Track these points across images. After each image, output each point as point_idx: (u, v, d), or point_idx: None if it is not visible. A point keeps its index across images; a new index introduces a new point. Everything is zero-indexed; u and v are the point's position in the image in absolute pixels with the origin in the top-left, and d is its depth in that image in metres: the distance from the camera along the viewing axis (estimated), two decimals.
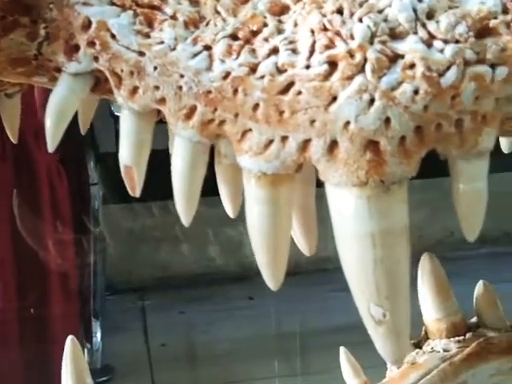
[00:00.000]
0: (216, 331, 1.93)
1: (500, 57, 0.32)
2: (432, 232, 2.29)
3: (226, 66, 0.33)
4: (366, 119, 0.31)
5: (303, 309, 1.99)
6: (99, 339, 1.73)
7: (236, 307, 2.08)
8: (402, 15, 0.32)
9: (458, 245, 2.40)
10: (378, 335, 0.32)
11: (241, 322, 1.95)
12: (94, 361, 1.74)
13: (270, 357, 1.78)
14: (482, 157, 0.32)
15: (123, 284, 2.22)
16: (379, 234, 0.31)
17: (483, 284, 0.56)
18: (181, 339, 1.93)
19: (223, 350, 1.81)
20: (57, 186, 1.22)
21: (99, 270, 1.76)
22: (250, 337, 1.84)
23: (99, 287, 1.76)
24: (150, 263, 2.23)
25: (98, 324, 1.73)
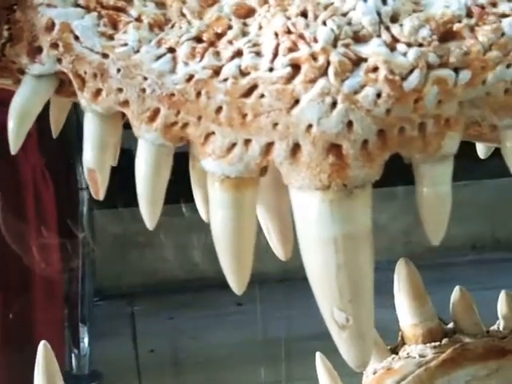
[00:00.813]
0: (205, 337, 1.92)
1: (463, 60, 0.32)
2: (421, 238, 2.29)
3: (189, 68, 0.32)
4: (328, 122, 0.31)
5: (292, 315, 1.99)
6: (87, 345, 1.72)
7: (225, 313, 2.07)
8: (366, 18, 0.32)
9: (448, 251, 2.41)
10: (341, 340, 0.32)
11: (229, 328, 1.95)
12: (81, 366, 1.73)
13: (259, 363, 1.77)
14: (446, 161, 0.32)
15: (112, 289, 2.22)
16: (342, 239, 0.31)
17: (459, 290, 0.56)
18: (169, 345, 1.92)
19: (212, 356, 1.80)
20: (42, 190, 1.22)
21: (87, 276, 1.76)
22: (239, 343, 1.83)
23: (87, 293, 1.76)
24: (139, 269, 2.22)
25: (85, 329, 1.73)
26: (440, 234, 0.33)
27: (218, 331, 1.94)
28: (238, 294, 0.35)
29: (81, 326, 1.72)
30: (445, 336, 0.55)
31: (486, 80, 0.32)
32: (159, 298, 2.16)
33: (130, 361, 1.83)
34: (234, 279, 0.34)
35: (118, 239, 2.16)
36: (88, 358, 1.73)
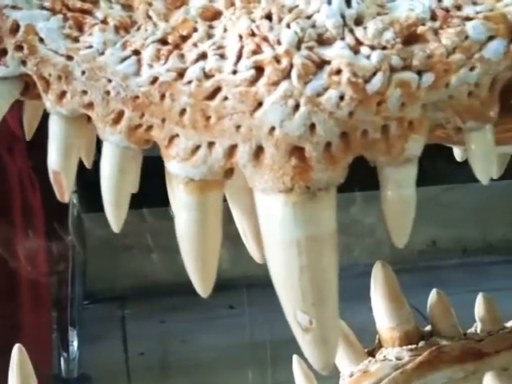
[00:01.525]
0: (196, 340, 1.92)
1: (427, 63, 0.32)
2: (414, 241, 2.30)
3: (153, 70, 0.32)
4: (290, 125, 0.31)
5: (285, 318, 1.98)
6: (76, 348, 1.72)
7: (216, 316, 2.07)
8: (330, 21, 0.32)
9: (440, 254, 2.41)
10: (305, 342, 0.32)
11: (221, 332, 1.94)
12: (70, 370, 1.73)
13: (250, 366, 1.77)
14: (410, 163, 0.32)
15: (104, 293, 2.21)
16: (305, 241, 0.31)
17: (436, 293, 0.56)
18: (160, 348, 1.92)
19: (202, 359, 1.80)
20: (29, 194, 1.21)
21: (77, 279, 1.75)
22: (230, 346, 1.83)
23: (77, 296, 1.75)
24: (130, 272, 2.22)
25: (74, 333, 1.72)
26: (404, 236, 0.33)
27: (209, 334, 1.94)
28: (203, 296, 0.34)
29: (70, 330, 1.72)
30: (422, 339, 0.55)
31: (449, 83, 0.32)
32: (150, 301, 2.15)
33: (119, 364, 1.82)
34: (198, 282, 0.34)
35: (110, 242, 2.16)
36: (77, 361, 1.73)
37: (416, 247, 2.31)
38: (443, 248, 2.36)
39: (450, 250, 2.33)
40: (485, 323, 0.56)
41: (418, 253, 2.31)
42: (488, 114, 0.32)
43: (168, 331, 2.00)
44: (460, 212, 2.23)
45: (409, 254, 2.24)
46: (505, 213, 2.28)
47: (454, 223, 2.24)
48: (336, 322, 0.32)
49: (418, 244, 2.32)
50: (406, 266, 2.33)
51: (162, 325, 2.04)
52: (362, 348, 0.55)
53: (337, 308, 0.32)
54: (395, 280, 0.54)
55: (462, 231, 2.28)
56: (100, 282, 2.19)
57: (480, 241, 2.36)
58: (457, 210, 2.24)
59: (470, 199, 2.22)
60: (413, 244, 2.30)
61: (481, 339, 0.55)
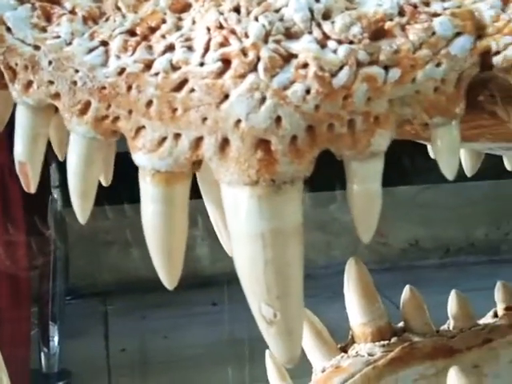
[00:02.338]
0: (177, 337, 1.91)
1: (393, 59, 0.32)
2: (397, 240, 2.30)
3: (121, 61, 0.32)
4: (256, 118, 0.31)
5: None
6: (57, 343, 1.71)
7: (199, 313, 2.07)
8: (298, 15, 0.32)
9: (423, 253, 2.42)
10: (269, 335, 0.32)
11: (203, 328, 1.94)
12: (50, 365, 1.72)
13: (232, 363, 1.77)
14: (376, 158, 0.32)
15: (86, 288, 2.21)
16: (270, 234, 0.31)
17: (410, 289, 0.56)
18: (141, 344, 1.92)
19: (184, 355, 1.80)
20: (9, 187, 1.21)
21: (59, 274, 1.75)
22: (212, 342, 1.83)
23: (58, 291, 1.75)
24: (113, 268, 2.21)
25: (55, 328, 1.72)
26: (370, 231, 0.33)
27: (192, 331, 1.94)
28: (169, 289, 0.34)
29: (51, 325, 1.71)
30: (394, 335, 0.56)
31: (415, 78, 0.32)
32: (133, 297, 2.15)
33: (100, 360, 1.82)
34: (164, 274, 0.34)
35: (93, 238, 2.15)
36: (58, 356, 1.72)
37: (399, 246, 2.32)
38: (426, 247, 2.37)
39: (433, 250, 2.34)
40: (457, 320, 0.56)
41: (401, 252, 2.32)
42: (454, 109, 0.32)
43: (150, 327, 1.99)
44: (442, 211, 2.24)
45: (391, 253, 2.24)
46: (487, 213, 2.30)
47: (436, 223, 2.25)
48: (300, 315, 0.33)
49: (401, 243, 2.33)
50: (389, 264, 2.35)
51: (144, 321, 2.03)
52: (334, 344, 0.55)
53: (301, 301, 0.33)
54: (368, 276, 0.55)
55: (445, 231, 2.29)
56: (83, 278, 2.18)
57: (462, 240, 2.38)
58: (439, 209, 2.25)
59: (454, 200, 2.23)
60: (395, 243, 2.31)
61: (453, 336, 0.55)
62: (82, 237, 1.98)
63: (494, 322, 0.57)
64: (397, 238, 2.26)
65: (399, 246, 2.32)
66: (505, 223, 2.33)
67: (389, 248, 2.25)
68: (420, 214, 2.26)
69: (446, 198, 2.23)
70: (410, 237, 2.33)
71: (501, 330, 0.56)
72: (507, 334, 0.56)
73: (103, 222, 1.98)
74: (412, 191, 2.22)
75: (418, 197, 2.23)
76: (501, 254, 2.30)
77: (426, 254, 2.34)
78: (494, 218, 2.34)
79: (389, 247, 2.25)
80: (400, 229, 2.27)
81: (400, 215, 2.21)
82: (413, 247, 2.37)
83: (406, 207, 2.23)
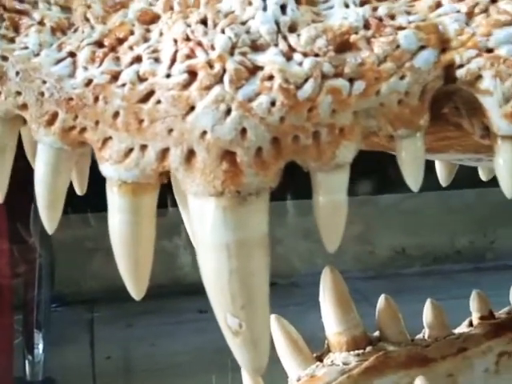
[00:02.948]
0: (164, 344, 1.91)
1: (358, 71, 0.32)
2: (383, 248, 2.31)
3: (88, 73, 0.32)
4: (222, 129, 0.31)
5: None
6: (41, 351, 1.71)
7: (186, 320, 2.06)
8: (264, 27, 0.32)
9: (410, 261, 2.43)
10: (235, 346, 0.32)
11: (189, 336, 1.94)
12: (35, 373, 1.72)
13: (219, 371, 1.77)
14: (341, 169, 0.32)
15: (72, 296, 2.20)
16: (234, 245, 0.31)
17: (385, 298, 0.57)
18: (127, 352, 1.91)
19: (170, 363, 1.79)
20: None
21: (44, 282, 1.74)
22: (199, 350, 1.83)
23: (43, 299, 1.74)
24: (99, 275, 2.21)
25: (40, 336, 1.71)
26: (336, 242, 0.33)
27: (178, 338, 1.93)
28: (136, 299, 0.35)
29: (36, 332, 1.71)
30: (369, 344, 0.56)
31: (379, 91, 0.32)
32: (120, 305, 2.14)
33: (85, 367, 1.81)
34: (131, 285, 0.34)
35: (79, 245, 2.15)
36: (42, 364, 1.72)
37: (385, 254, 2.32)
38: (413, 255, 2.37)
39: (419, 258, 2.35)
40: (432, 329, 0.57)
41: (388, 259, 2.32)
42: (418, 122, 0.33)
43: (136, 335, 1.99)
44: (428, 220, 2.25)
45: (378, 260, 2.25)
46: (473, 221, 2.31)
47: (422, 231, 2.26)
48: (266, 326, 0.33)
49: (388, 251, 2.34)
50: (375, 272, 2.35)
51: (131, 328, 2.03)
52: (310, 352, 0.55)
53: (267, 312, 0.33)
54: (344, 285, 0.55)
55: (431, 239, 2.29)
56: (69, 285, 2.17)
57: (449, 248, 2.39)
58: (425, 217, 2.26)
59: (440, 207, 2.24)
60: (382, 251, 2.32)
61: (427, 345, 0.56)
62: (67, 244, 1.98)
63: (469, 331, 0.57)
64: (383, 245, 2.27)
65: (386, 254, 2.32)
66: (490, 231, 2.34)
67: (375, 256, 2.26)
68: (406, 221, 2.27)
69: (432, 206, 2.24)
70: (396, 244, 2.34)
71: (475, 339, 0.56)
72: (482, 343, 0.56)
73: (89, 229, 1.98)
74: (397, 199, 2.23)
75: (404, 205, 2.24)
76: (486, 261, 2.31)
77: (412, 261, 2.35)
78: (479, 226, 2.35)
79: (375, 255, 2.25)
80: (386, 237, 2.27)
81: (386, 223, 2.22)
82: (399, 255, 2.38)
83: (391, 215, 2.24)
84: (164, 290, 2.05)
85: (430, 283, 2.19)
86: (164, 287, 2.07)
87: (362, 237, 2.11)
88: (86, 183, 0.41)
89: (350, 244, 2.06)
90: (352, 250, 2.09)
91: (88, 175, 0.41)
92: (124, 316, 2.09)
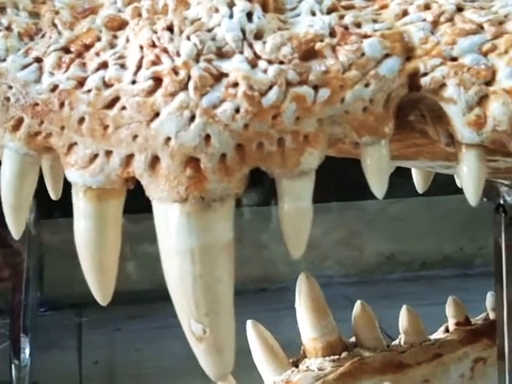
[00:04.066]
0: (151, 349, 1.90)
1: (323, 79, 0.32)
2: (372, 253, 2.31)
3: (54, 78, 0.33)
4: (186, 136, 0.31)
5: (241, 327, 1.98)
6: (28, 355, 1.70)
7: (173, 325, 2.05)
8: (230, 35, 0.33)
9: (399, 267, 2.43)
10: (199, 352, 0.33)
11: (178, 340, 1.93)
12: (21, 377, 1.71)
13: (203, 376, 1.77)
14: (306, 176, 0.33)
15: (61, 300, 2.19)
16: (198, 251, 0.31)
17: (361, 304, 0.57)
18: (115, 357, 1.90)
19: (156, 368, 1.79)
20: None
21: (32, 286, 1.74)
22: (186, 355, 1.82)
23: (30, 303, 1.74)
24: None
25: (27, 340, 1.70)
26: (300, 248, 0.33)
27: (165, 343, 1.93)
28: (102, 304, 0.35)
29: (22, 337, 1.70)
30: (345, 349, 0.56)
31: (344, 98, 0.32)
32: (109, 309, 2.13)
33: (72, 372, 1.81)
34: (96, 291, 0.34)
35: (67, 249, 2.14)
36: (29, 369, 1.71)
37: (375, 259, 2.32)
38: (401, 260, 2.38)
39: (407, 263, 2.35)
40: (408, 335, 0.57)
41: (377, 264, 2.32)
42: (383, 129, 0.33)
43: (124, 340, 1.98)
44: (417, 225, 2.25)
45: (367, 266, 2.25)
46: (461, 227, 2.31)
47: (411, 236, 2.26)
48: (230, 332, 0.33)
49: (377, 256, 2.34)
50: (364, 278, 2.35)
51: (118, 333, 2.02)
52: (286, 358, 0.56)
53: (231, 318, 0.33)
54: (319, 292, 0.55)
55: (420, 244, 2.30)
56: (57, 289, 2.16)
57: (437, 254, 2.39)
58: (414, 222, 2.26)
59: (427, 213, 2.24)
60: (371, 256, 2.32)
61: (403, 351, 0.56)
62: (56, 248, 1.97)
63: (444, 337, 0.57)
64: (372, 250, 2.27)
65: (375, 259, 2.32)
66: (479, 237, 2.34)
67: (364, 261, 2.26)
68: (394, 227, 2.27)
69: (421, 211, 2.25)
70: (385, 250, 2.34)
71: (451, 345, 0.57)
72: (457, 349, 0.56)
73: None
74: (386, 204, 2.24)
75: (392, 210, 2.24)
76: (475, 267, 2.31)
77: (400, 267, 2.35)
78: (468, 231, 2.35)
79: (364, 260, 2.25)
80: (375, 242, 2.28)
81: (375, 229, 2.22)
82: (388, 260, 2.38)
83: (381, 220, 2.24)
84: (151, 295, 2.05)
85: (418, 289, 2.19)
86: (151, 292, 2.07)
87: (350, 242, 2.11)
88: (61, 188, 0.41)
89: (337, 249, 2.07)
90: (339, 255, 2.09)
91: (63, 180, 0.41)
92: (112, 321, 2.08)
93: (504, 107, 0.32)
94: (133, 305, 2.14)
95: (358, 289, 2.16)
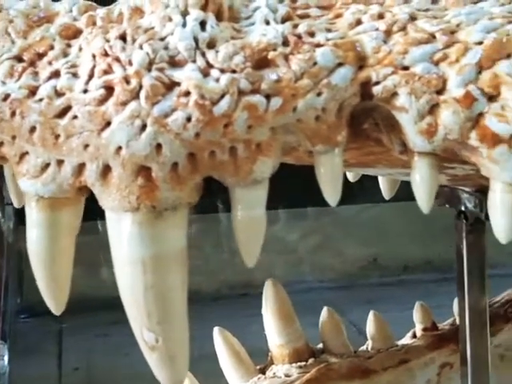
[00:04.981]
0: (131, 355, 1.89)
1: (275, 88, 0.32)
2: (355, 258, 2.32)
3: (6, 87, 0.32)
4: (137, 145, 0.31)
5: None
6: (6, 362, 1.69)
7: None
8: (182, 43, 0.33)
9: (381, 271, 2.43)
10: (152, 360, 0.33)
11: None
12: None
13: None
14: (259, 185, 0.33)
15: (41, 306, 2.18)
16: (150, 260, 0.31)
17: (327, 311, 0.57)
18: (94, 363, 1.89)
19: (136, 374, 1.78)
20: None
21: (11, 292, 1.72)
22: None
23: (9, 309, 1.72)
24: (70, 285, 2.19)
25: (5, 347, 1.69)
26: (254, 256, 0.33)
27: None
28: (55, 313, 0.34)
29: (1, 344, 1.69)
30: (312, 356, 0.56)
31: (296, 107, 0.32)
32: (90, 315, 2.12)
33: (52, 379, 1.79)
34: (50, 300, 0.34)
35: None
36: (8, 376, 1.70)
37: (358, 264, 2.33)
38: (384, 265, 2.38)
39: (391, 267, 2.36)
40: (375, 341, 0.57)
41: (360, 269, 2.33)
42: (335, 138, 0.33)
43: (104, 346, 1.97)
44: (400, 230, 2.26)
45: (350, 270, 2.25)
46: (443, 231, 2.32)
47: (394, 240, 2.27)
48: (184, 341, 0.33)
49: (360, 260, 2.34)
50: (347, 282, 2.36)
51: (98, 339, 2.01)
52: (252, 365, 0.56)
53: (185, 326, 0.33)
54: (286, 298, 0.55)
55: (404, 249, 2.30)
56: (37, 296, 2.15)
57: (419, 258, 2.39)
58: (396, 227, 2.27)
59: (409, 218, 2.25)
60: (354, 261, 2.32)
61: (370, 357, 0.56)
62: None
63: (411, 343, 0.57)
64: (355, 255, 2.28)
65: (358, 263, 2.33)
66: None
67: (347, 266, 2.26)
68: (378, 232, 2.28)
69: (403, 216, 2.25)
70: (368, 254, 2.34)
71: (418, 350, 0.57)
72: (424, 355, 0.56)
73: None
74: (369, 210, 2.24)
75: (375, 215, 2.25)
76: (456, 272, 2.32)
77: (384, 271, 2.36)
78: (450, 236, 2.36)
79: (348, 265, 2.26)
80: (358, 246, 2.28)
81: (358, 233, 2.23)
82: (371, 265, 2.38)
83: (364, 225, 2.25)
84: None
85: (400, 293, 2.19)
86: None
87: (333, 247, 2.12)
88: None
89: (319, 254, 2.07)
90: (322, 261, 2.10)
91: None
92: (92, 327, 2.07)
93: (455, 116, 0.32)
94: (113, 311, 2.13)
95: (341, 293, 2.16)
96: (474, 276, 0.48)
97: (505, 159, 0.32)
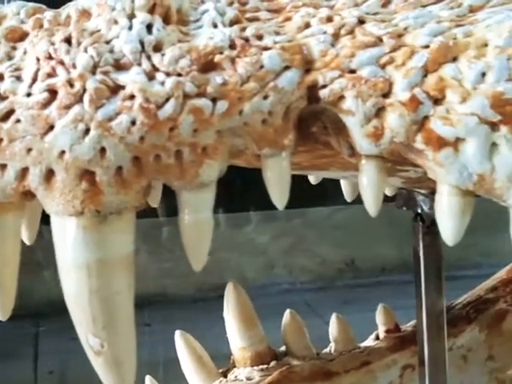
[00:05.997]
0: None
1: (221, 91, 0.32)
2: (333, 259, 2.32)
3: None
4: (80, 149, 0.31)
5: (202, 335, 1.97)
6: None
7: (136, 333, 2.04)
8: (128, 47, 0.32)
9: (358, 272, 2.44)
10: (98, 365, 0.32)
11: (139, 349, 1.91)
12: None
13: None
14: (206, 188, 0.33)
15: (18, 310, 2.16)
16: (95, 264, 0.31)
17: (290, 313, 0.57)
18: (70, 367, 1.88)
19: None
20: None
21: None
22: (143, 364, 1.81)
23: None
24: (46, 289, 2.17)
25: None
26: (201, 260, 0.33)
27: None
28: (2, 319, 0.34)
29: None
30: (275, 359, 0.56)
31: (242, 110, 0.32)
32: (67, 319, 2.11)
33: (27, 382, 1.78)
34: None
35: (24, 258, 2.11)
36: None
37: (335, 265, 2.34)
38: (361, 266, 2.39)
39: (368, 269, 2.36)
40: (337, 343, 0.57)
41: (337, 270, 2.33)
42: (282, 141, 0.33)
43: (80, 349, 1.96)
44: (377, 231, 2.27)
45: (328, 272, 2.26)
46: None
47: (371, 242, 2.28)
48: (130, 346, 0.33)
49: (337, 262, 2.35)
50: (325, 284, 2.36)
51: (74, 342, 2.00)
52: (214, 368, 0.55)
53: (131, 331, 0.33)
54: (247, 301, 0.55)
55: (380, 250, 2.31)
56: (15, 299, 2.13)
57: (396, 260, 2.41)
58: (374, 228, 2.28)
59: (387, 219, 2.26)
60: (331, 262, 2.33)
61: (332, 359, 0.56)
62: None
63: (374, 345, 0.58)
64: (333, 256, 2.28)
65: (335, 265, 2.33)
66: None
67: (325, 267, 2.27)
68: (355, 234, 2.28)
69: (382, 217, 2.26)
70: (345, 255, 2.35)
71: (380, 352, 0.57)
72: (386, 357, 0.56)
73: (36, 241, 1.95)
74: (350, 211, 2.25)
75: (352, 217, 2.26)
76: None
77: (362, 272, 2.37)
78: None
79: (325, 266, 2.26)
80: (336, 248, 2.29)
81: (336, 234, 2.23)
82: (348, 266, 2.39)
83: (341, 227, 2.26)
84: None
85: (377, 294, 2.20)
86: None
87: (309, 249, 2.12)
88: None
89: (295, 256, 2.07)
90: (300, 262, 2.10)
91: None
92: (69, 330, 2.05)
93: (401, 119, 0.32)
94: None
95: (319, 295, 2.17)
96: (432, 277, 0.48)
97: (450, 162, 0.32)
